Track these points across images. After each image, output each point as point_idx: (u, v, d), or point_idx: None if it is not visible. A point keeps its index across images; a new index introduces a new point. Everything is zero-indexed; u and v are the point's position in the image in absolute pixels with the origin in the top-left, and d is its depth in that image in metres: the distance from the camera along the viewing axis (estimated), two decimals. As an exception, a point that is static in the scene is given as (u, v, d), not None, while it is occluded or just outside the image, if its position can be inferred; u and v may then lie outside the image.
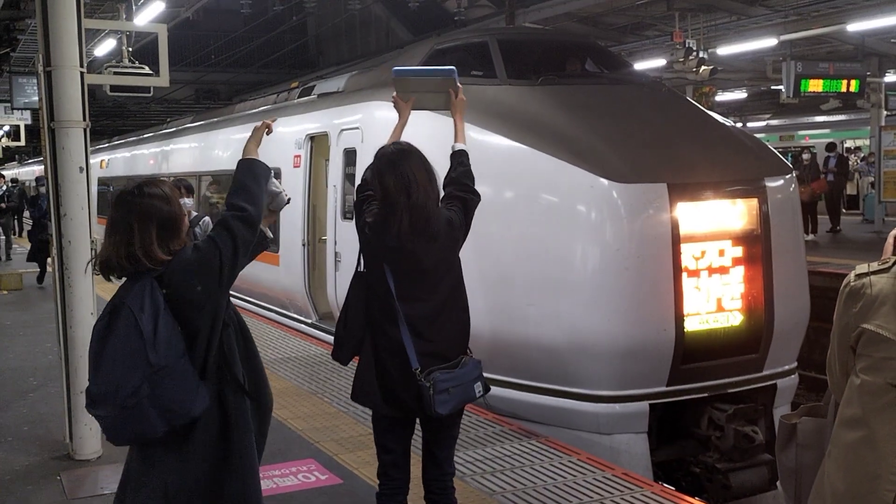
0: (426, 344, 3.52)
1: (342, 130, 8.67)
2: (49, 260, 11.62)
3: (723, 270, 6.09)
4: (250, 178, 3.03)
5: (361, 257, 3.66)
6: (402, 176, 3.49)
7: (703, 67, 16.34)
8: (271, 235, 3.29)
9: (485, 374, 3.67)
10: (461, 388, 3.54)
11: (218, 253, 2.88)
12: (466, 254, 6.37)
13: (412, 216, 3.47)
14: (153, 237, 2.85)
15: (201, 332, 2.86)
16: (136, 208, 2.89)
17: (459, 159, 3.84)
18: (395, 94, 4.03)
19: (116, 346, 2.72)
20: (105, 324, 2.78)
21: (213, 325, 2.89)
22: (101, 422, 2.82)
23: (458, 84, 3.96)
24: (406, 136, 3.93)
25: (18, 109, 17.52)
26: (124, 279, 2.90)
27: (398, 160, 3.53)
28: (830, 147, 19.29)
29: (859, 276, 2.04)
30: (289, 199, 3.42)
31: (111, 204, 3.02)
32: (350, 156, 8.45)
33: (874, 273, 2.01)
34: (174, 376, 2.75)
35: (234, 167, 3.19)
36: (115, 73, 9.57)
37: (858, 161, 23.53)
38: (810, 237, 15.60)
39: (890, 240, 2.30)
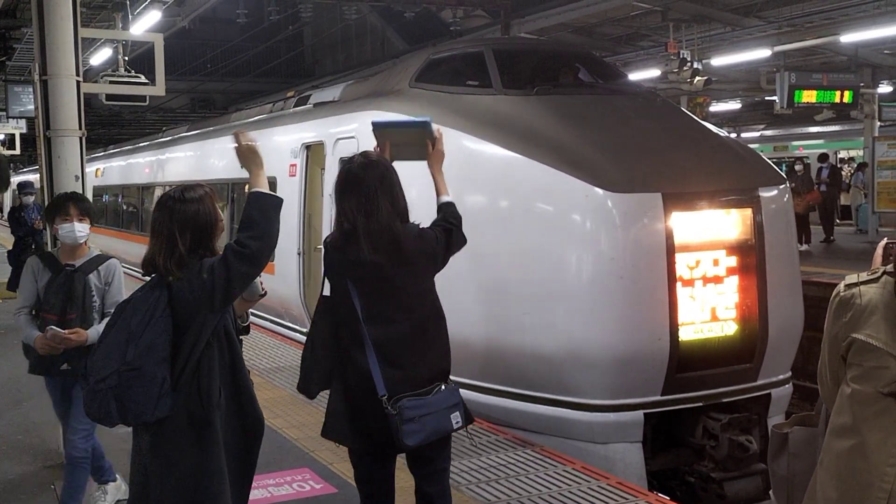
0: (396, 370, 3.23)
1: (338, 140, 8.69)
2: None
3: (717, 280, 6.11)
4: (257, 211, 3.08)
5: (326, 280, 3.43)
6: (360, 195, 3.28)
7: (697, 78, 16.41)
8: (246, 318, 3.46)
9: (480, 384, 3.44)
10: (433, 417, 3.21)
11: (211, 283, 3.00)
12: (461, 262, 6.39)
13: (373, 239, 3.25)
14: (188, 244, 3.08)
15: (184, 345, 3.00)
16: (176, 215, 3.09)
17: (449, 210, 3.62)
18: (375, 145, 3.76)
19: (111, 338, 3.00)
20: (116, 315, 3.08)
21: (195, 342, 3.01)
22: (82, 393, 3.09)
23: (436, 134, 3.75)
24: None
25: (14, 118, 17.50)
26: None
27: (359, 176, 3.32)
28: (822, 158, 19.36)
29: (849, 286, 2.05)
30: (264, 293, 3.61)
31: (155, 205, 3.23)
32: (346, 165, 8.46)
33: (863, 283, 2.03)
34: (143, 380, 2.91)
35: (229, 176, 3.27)
36: (112, 83, 9.58)
37: (852, 171, 23.62)
38: (804, 247, 15.65)
39: (879, 250, 2.31)
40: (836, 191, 19.26)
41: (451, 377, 3.43)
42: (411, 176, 3.65)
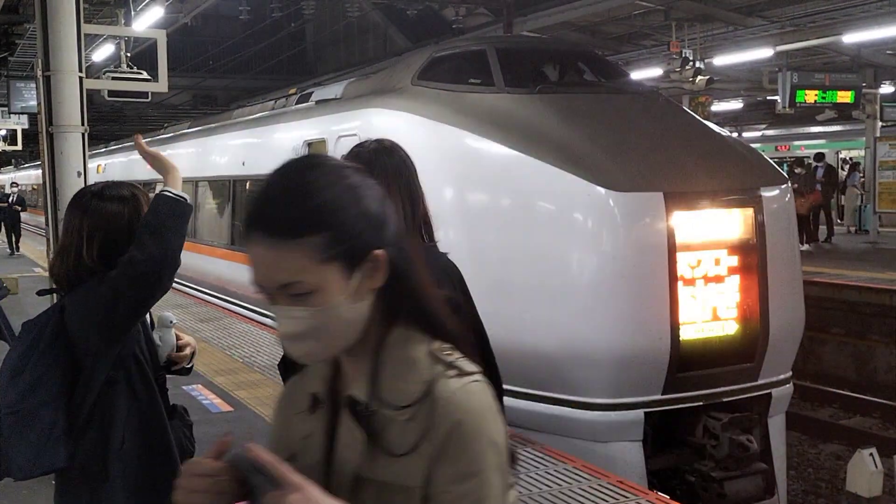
0: None
1: (340, 137, 8.69)
2: None
3: (718, 279, 6.11)
4: (158, 218, 2.49)
5: None
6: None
7: (699, 77, 16.40)
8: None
9: None
10: None
11: (96, 303, 2.44)
12: (463, 260, 6.39)
13: None
14: (93, 253, 2.51)
15: (80, 382, 2.47)
16: (89, 214, 2.55)
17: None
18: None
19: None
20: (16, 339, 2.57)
21: (90, 379, 2.47)
22: None
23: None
24: (401, 145, 3.48)
25: (16, 114, 17.53)
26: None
27: (370, 163, 2.54)
28: (818, 157, 19.34)
29: None
30: (191, 354, 2.84)
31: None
32: (347, 162, 8.45)
33: None
34: (26, 426, 2.39)
35: (230, 173, 3.02)
36: (114, 79, 9.59)
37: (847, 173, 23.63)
38: (805, 247, 15.66)
39: None
40: (831, 190, 19.23)
41: None
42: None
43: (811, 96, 17.39)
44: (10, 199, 22.15)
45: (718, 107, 26.29)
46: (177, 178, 2.64)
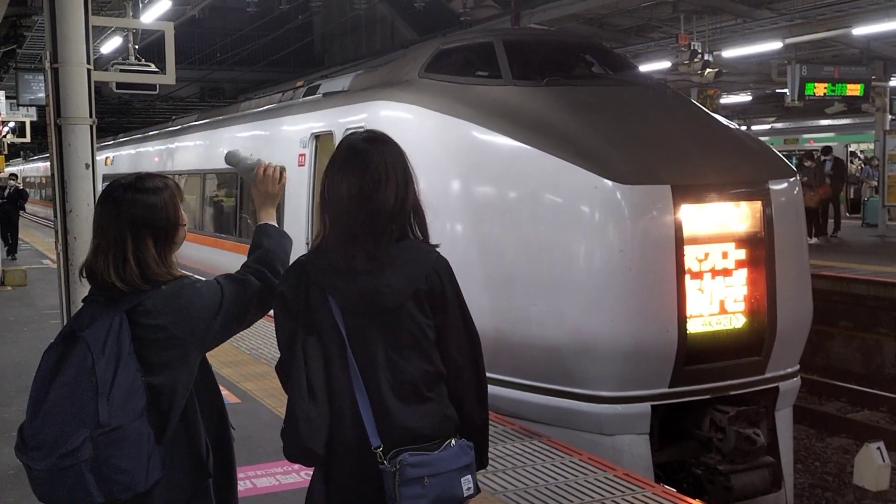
0: (390, 415, 2.44)
1: (347, 129, 8.69)
2: None
3: (726, 272, 6.10)
4: (279, 246, 2.80)
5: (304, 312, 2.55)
6: (363, 177, 2.46)
7: (707, 70, 16.33)
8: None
9: (487, 374, 2.64)
10: (440, 480, 2.41)
11: (220, 299, 2.48)
12: (470, 253, 6.41)
13: (369, 238, 2.45)
14: (150, 250, 2.41)
15: (169, 388, 2.38)
16: (127, 208, 2.41)
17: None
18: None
19: (64, 391, 2.30)
20: (55, 359, 2.38)
21: (185, 381, 2.42)
22: (30, 473, 2.34)
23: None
24: (408, 137, 3.53)
25: (24, 106, 17.58)
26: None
27: (364, 152, 2.50)
28: (826, 151, 19.25)
29: None
30: (255, 163, 2.98)
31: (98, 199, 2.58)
32: (355, 155, 8.45)
33: None
34: (126, 441, 2.26)
35: None
36: (122, 71, 9.60)
37: (863, 165, 23.53)
38: (814, 241, 15.60)
39: None
40: (840, 184, 19.14)
41: None
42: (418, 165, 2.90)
43: (820, 89, 17.30)
44: (5, 193, 19.02)
45: (727, 100, 26.21)
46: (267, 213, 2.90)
